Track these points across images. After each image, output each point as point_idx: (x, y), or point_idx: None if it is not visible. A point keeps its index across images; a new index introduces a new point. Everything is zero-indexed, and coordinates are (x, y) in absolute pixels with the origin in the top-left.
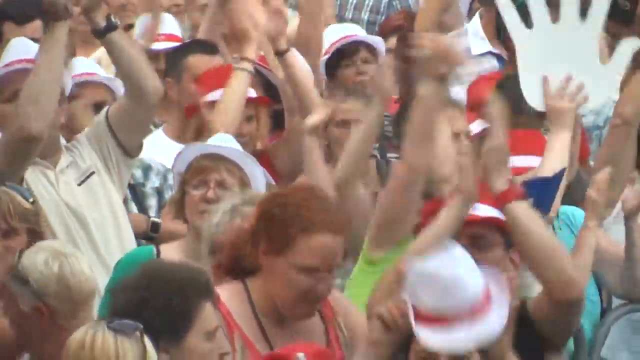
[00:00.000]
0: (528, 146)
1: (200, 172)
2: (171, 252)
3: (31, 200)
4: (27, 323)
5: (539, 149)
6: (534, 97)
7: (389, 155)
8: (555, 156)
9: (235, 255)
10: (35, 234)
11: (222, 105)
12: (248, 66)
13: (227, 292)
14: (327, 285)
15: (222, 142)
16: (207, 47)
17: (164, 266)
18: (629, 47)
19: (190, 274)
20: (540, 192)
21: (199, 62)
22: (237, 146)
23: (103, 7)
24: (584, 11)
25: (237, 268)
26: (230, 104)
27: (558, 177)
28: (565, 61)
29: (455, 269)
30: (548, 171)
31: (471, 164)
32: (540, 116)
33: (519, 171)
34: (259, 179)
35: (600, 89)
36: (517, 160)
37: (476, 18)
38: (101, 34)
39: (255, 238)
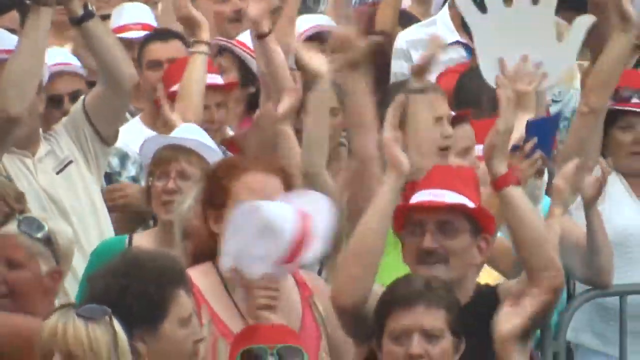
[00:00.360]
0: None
1: (162, 163)
2: (142, 241)
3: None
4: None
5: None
6: (491, 78)
7: None
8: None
9: (197, 242)
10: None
11: (183, 90)
12: (204, 48)
13: (197, 272)
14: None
15: (186, 132)
16: (161, 34)
17: (141, 254)
18: (584, 23)
19: (166, 262)
20: (541, 132)
21: (152, 49)
22: (201, 135)
23: None
24: None
25: (205, 252)
26: (189, 87)
27: (556, 118)
28: (520, 43)
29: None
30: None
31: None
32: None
33: (481, 159)
34: None
35: (558, 66)
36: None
37: (445, 9)
38: (78, 22)
39: (204, 211)
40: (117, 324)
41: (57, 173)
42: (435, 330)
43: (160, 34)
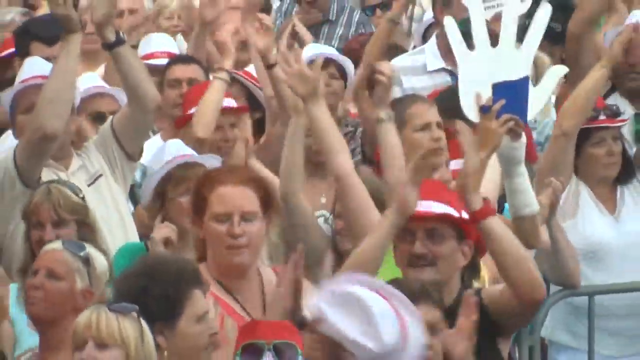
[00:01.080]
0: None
1: (182, 181)
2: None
3: (81, 195)
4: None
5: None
6: (470, 111)
7: None
8: (492, 169)
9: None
10: (84, 225)
11: (200, 109)
12: (224, 75)
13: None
14: (242, 230)
15: (179, 149)
16: (183, 59)
17: (160, 258)
18: (558, 73)
19: (182, 265)
20: (510, 96)
21: (174, 69)
22: (192, 151)
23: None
24: (520, 37)
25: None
26: (206, 107)
27: (524, 81)
28: (485, 79)
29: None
30: (487, 181)
31: (411, 176)
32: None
33: (455, 174)
34: None
35: (531, 107)
36: (455, 164)
37: (433, 38)
38: (110, 48)
39: (193, 218)
40: (143, 321)
41: (89, 185)
42: (436, 323)
43: (182, 58)
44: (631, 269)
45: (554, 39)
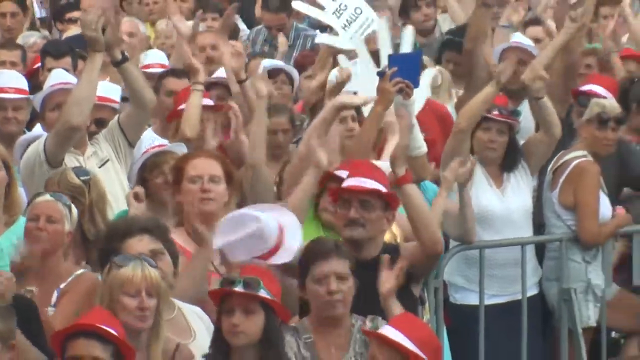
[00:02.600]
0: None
1: (155, 167)
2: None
3: (83, 178)
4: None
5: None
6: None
7: None
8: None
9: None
10: (76, 200)
11: (185, 115)
12: (199, 87)
13: (176, 234)
14: (209, 187)
15: (152, 141)
16: (176, 72)
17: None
18: (428, 74)
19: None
20: (404, 65)
21: (170, 81)
22: (162, 140)
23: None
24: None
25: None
26: (190, 112)
27: (417, 54)
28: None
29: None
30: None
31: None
32: None
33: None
34: None
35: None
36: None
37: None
38: (118, 64)
39: (173, 188)
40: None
41: (99, 167)
42: (345, 274)
43: (176, 72)
44: (510, 230)
45: (458, 51)
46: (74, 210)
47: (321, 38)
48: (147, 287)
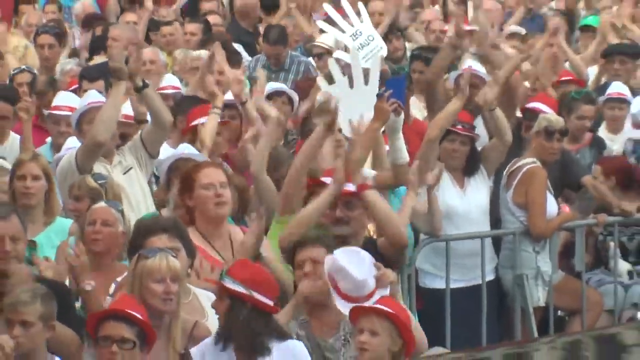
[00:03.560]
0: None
1: (177, 170)
2: (165, 213)
3: (100, 182)
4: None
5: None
6: (345, 128)
7: None
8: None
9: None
10: (94, 202)
11: (204, 130)
12: (217, 111)
13: (191, 234)
14: (222, 192)
15: (187, 148)
16: (200, 100)
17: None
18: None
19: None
20: (394, 88)
21: (196, 109)
22: (192, 150)
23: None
24: (366, 80)
25: (186, 220)
26: (209, 129)
27: (402, 78)
28: (360, 107)
29: (362, 271)
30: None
31: (343, 165)
32: None
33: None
34: None
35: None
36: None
37: None
38: (139, 90)
39: (181, 195)
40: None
41: (124, 174)
42: (320, 259)
43: (198, 100)
44: (471, 224)
45: (425, 62)
46: (125, 214)
47: (338, 54)
48: (171, 275)
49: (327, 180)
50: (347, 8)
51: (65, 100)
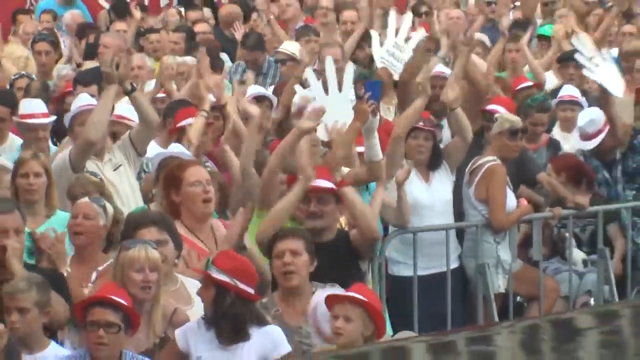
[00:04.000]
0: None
1: (165, 166)
2: (152, 207)
3: (99, 177)
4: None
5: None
6: (321, 132)
7: None
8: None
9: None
10: (102, 193)
11: (192, 130)
12: (204, 113)
13: (178, 227)
14: (210, 190)
15: (176, 147)
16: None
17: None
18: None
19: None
20: (372, 91)
21: (182, 111)
22: (181, 148)
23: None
24: (340, 87)
25: (172, 215)
26: (196, 129)
27: (379, 82)
28: (334, 112)
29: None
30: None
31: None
32: None
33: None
34: None
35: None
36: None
37: None
38: (128, 94)
39: (166, 192)
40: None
41: (114, 171)
42: (298, 250)
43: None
44: (436, 215)
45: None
46: (109, 208)
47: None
48: (150, 265)
49: (317, 182)
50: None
51: (35, 108)
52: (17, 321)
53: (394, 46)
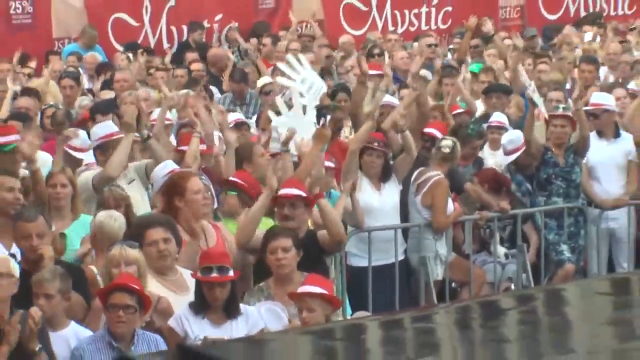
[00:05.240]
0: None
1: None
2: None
3: (125, 192)
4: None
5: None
6: (292, 147)
7: None
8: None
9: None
10: (128, 207)
11: (188, 152)
12: (197, 134)
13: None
14: (207, 197)
15: (171, 166)
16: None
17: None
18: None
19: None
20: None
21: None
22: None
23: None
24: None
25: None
26: (192, 150)
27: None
28: (301, 131)
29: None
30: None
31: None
32: None
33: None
34: None
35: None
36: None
37: None
38: (145, 141)
39: (168, 197)
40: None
41: (128, 184)
42: (288, 247)
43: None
44: (386, 218)
45: (347, 93)
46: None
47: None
48: (125, 260)
49: (289, 190)
50: (292, 62)
51: (84, 143)
52: (44, 305)
53: (303, 81)
